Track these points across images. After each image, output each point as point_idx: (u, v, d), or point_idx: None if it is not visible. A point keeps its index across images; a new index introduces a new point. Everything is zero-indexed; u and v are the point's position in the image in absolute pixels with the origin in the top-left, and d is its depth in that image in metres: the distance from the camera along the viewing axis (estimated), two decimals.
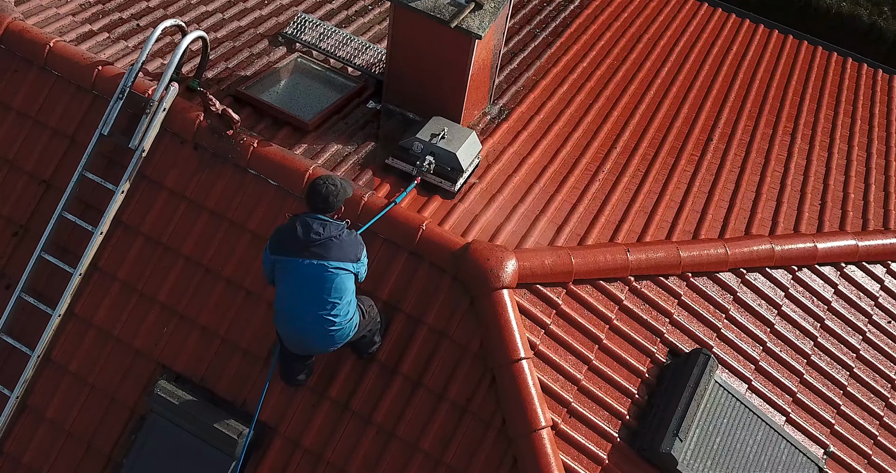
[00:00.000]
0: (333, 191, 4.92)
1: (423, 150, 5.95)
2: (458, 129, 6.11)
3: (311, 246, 4.87)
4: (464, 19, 5.81)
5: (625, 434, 5.69)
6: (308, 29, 6.96)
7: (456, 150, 5.91)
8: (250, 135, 5.95)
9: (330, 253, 4.88)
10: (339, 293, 4.93)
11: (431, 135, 5.99)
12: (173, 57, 5.84)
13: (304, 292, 4.92)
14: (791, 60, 9.21)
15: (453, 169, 5.95)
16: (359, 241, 5.05)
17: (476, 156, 6.16)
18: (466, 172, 6.06)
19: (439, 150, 5.92)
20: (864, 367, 6.74)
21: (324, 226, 4.90)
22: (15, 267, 6.00)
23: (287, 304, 5.00)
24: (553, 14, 8.29)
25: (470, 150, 6.05)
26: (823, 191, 7.62)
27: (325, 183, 4.94)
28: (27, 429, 5.87)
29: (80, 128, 6.08)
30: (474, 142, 6.12)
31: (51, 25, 6.45)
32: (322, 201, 4.92)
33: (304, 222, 4.92)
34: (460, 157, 5.92)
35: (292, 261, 4.91)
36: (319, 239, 4.87)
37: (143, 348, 5.81)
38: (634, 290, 6.04)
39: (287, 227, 4.98)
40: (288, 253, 4.93)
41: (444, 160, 5.94)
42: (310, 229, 4.88)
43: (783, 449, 6.04)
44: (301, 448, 5.54)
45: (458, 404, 5.44)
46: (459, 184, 6.02)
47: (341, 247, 4.91)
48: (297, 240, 4.89)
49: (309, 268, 4.88)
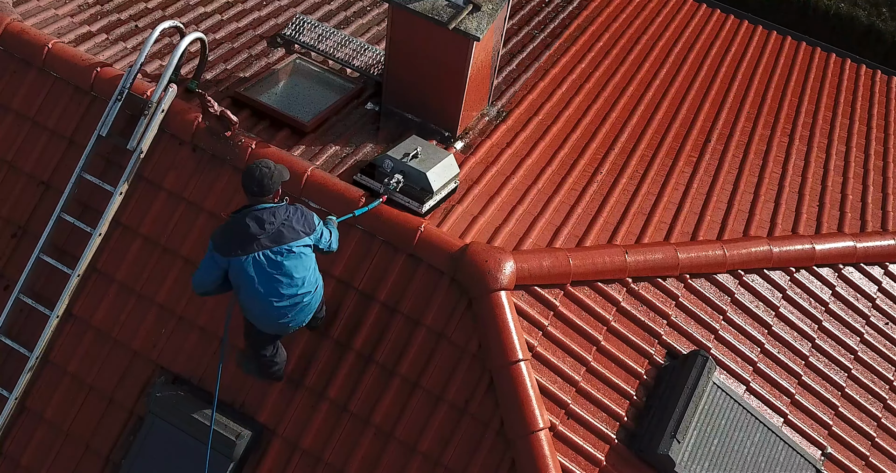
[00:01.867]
0: (268, 174, 4.87)
1: (393, 168, 5.73)
2: (435, 150, 5.88)
3: (268, 236, 4.86)
4: (462, 21, 5.81)
5: (623, 436, 5.70)
6: (306, 30, 6.96)
7: (427, 170, 5.68)
8: (249, 136, 5.95)
9: (288, 236, 4.88)
10: (304, 267, 4.96)
11: (404, 154, 5.77)
12: (172, 58, 5.85)
13: (272, 280, 4.91)
14: (790, 60, 9.22)
15: (422, 189, 5.72)
16: (307, 212, 5.02)
17: (452, 179, 5.90)
18: (438, 195, 5.81)
19: (410, 168, 5.70)
20: (862, 368, 6.75)
21: (273, 213, 4.89)
22: (13, 268, 6.00)
23: (259, 298, 4.96)
24: (551, 15, 8.29)
25: (444, 172, 5.79)
26: (822, 192, 7.62)
27: (258, 167, 4.90)
28: (26, 430, 5.88)
29: (78, 129, 6.08)
30: (450, 165, 5.85)
31: (49, 26, 6.45)
32: (257, 185, 4.86)
33: (255, 216, 4.87)
34: (430, 177, 5.68)
35: (252, 257, 4.87)
36: (274, 227, 4.86)
37: (142, 349, 5.82)
38: (632, 292, 6.05)
39: (235, 225, 4.91)
40: (246, 251, 4.87)
41: (413, 180, 5.71)
42: (261, 221, 4.85)
43: (781, 451, 6.05)
44: (300, 449, 5.55)
45: (457, 405, 5.44)
46: (428, 206, 5.76)
47: (295, 227, 4.91)
48: (252, 236, 4.85)
49: (269, 258, 4.88)
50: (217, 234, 4.97)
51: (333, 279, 5.69)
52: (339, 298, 5.67)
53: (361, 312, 5.64)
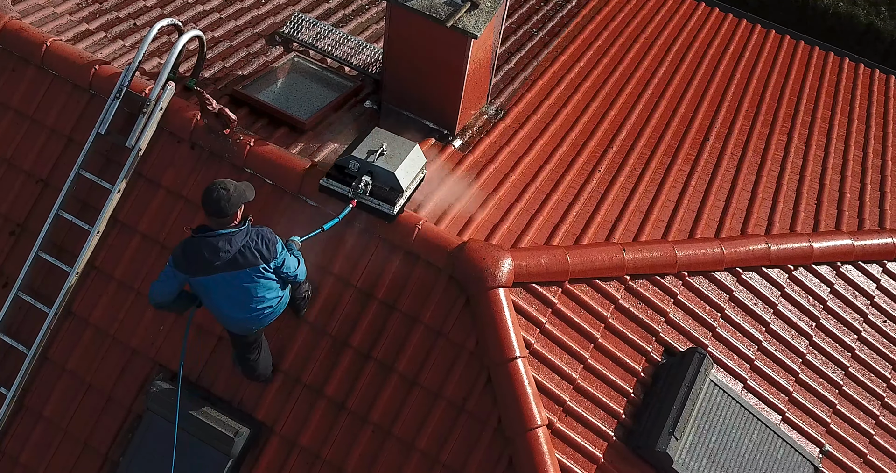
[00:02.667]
0: (225, 196, 4.61)
1: (360, 169, 5.41)
2: (400, 142, 5.58)
3: (222, 264, 4.72)
4: (459, 19, 5.82)
5: (620, 433, 5.71)
6: (305, 28, 6.96)
7: (395, 168, 5.38)
8: (247, 134, 5.96)
9: (244, 263, 4.75)
10: (266, 289, 4.90)
11: (369, 151, 5.43)
12: (170, 56, 5.85)
13: (230, 300, 4.87)
14: (788, 59, 9.22)
15: (392, 189, 5.44)
16: (268, 238, 4.81)
17: (420, 170, 5.65)
18: (408, 192, 5.56)
19: (377, 168, 5.39)
20: (860, 366, 6.75)
21: (229, 241, 4.69)
22: (12, 266, 6.01)
23: (220, 312, 4.97)
24: (550, 14, 8.29)
25: (411, 166, 5.53)
26: (819, 190, 7.63)
27: (216, 188, 4.63)
28: (24, 428, 5.89)
29: (77, 127, 6.09)
30: (417, 156, 5.60)
31: (48, 24, 6.46)
32: (214, 206, 4.63)
33: (208, 244, 4.69)
34: (399, 176, 5.39)
35: (207, 279, 4.79)
36: (229, 256, 4.70)
37: (140, 347, 5.83)
38: (630, 289, 6.06)
39: (191, 250, 4.74)
40: (199, 274, 4.77)
41: (381, 179, 5.41)
42: (216, 249, 4.68)
43: (779, 448, 6.05)
44: (298, 446, 5.55)
45: (455, 403, 5.45)
46: (399, 206, 5.51)
47: (252, 255, 4.75)
48: (206, 262, 4.71)
49: (228, 281, 4.78)
50: (177, 252, 4.81)
51: (332, 277, 5.70)
52: (338, 295, 5.67)
53: (359, 309, 5.64)
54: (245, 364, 5.42)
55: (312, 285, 5.61)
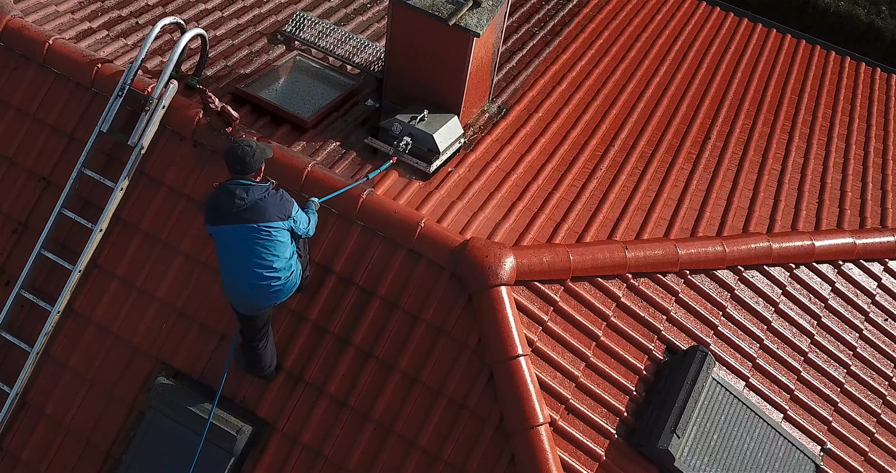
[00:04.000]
0: (249, 152, 4.95)
1: (402, 131, 6.03)
2: (440, 114, 6.18)
3: (238, 212, 4.93)
4: (462, 17, 5.83)
5: (622, 431, 5.71)
6: (307, 27, 6.97)
7: (433, 131, 6.00)
8: (249, 132, 5.96)
9: (257, 216, 4.94)
10: (275, 253, 5.00)
11: (411, 117, 6.08)
12: (172, 54, 5.86)
13: (242, 256, 4.99)
14: (789, 58, 9.23)
15: (430, 150, 6.04)
16: (286, 199, 5.07)
17: (457, 140, 6.23)
18: (444, 155, 6.12)
19: (417, 131, 6.01)
20: (861, 364, 6.75)
21: (247, 190, 4.95)
22: (15, 264, 6.01)
23: (229, 271, 5.07)
24: (551, 12, 8.30)
25: (449, 133, 6.12)
26: (821, 189, 7.63)
27: (240, 145, 4.98)
28: (26, 426, 5.89)
29: (79, 125, 6.10)
30: (455, 126, 6.19)
31: (50, 23, 6.47)
32: (239, 163, 4.96)
33: (227, 189, 4.97)
34: (437, 138, 6.00)
35: (225, 229, 4.98)
36: (245, 204, 4.92)
37: (142, 344, 5.83)
38: (632, 287, 6.06)
39: (214, 197, 5.04)
40: (219, 222, 4.99)
41: (421, 141, 6.03)
42: (233, 196, 4.94)
43: (780, 446, 6.06)
44: (300, 444, 5.56)
45: (456, 400, 5.45)
46: (436, 166, 6.08)
47: (267, 208, 4.95)
48: (224, 209, 4.95)
49: (240, 232, 4.95)
50: (205, 202, 5.12)
51: (334, 275, 5.70)
52: (340, 293, 5.68)
53: (362, 307, 5.64)
54: (250, 353, 5.42)
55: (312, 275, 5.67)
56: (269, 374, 5.61)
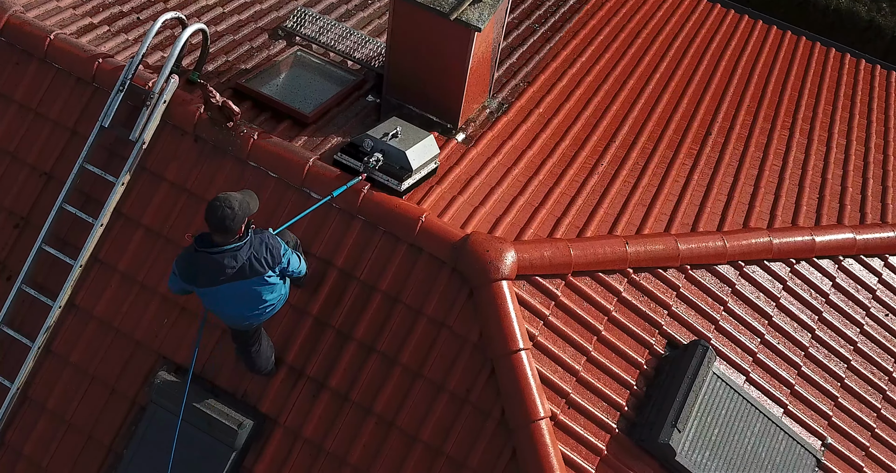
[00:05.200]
0: (230, 215, 4.55)
1: (373, 147, 5.80)
2: (415, 131, 5.94)
3: (227, 278, 4.73)
4: (463, 12, 5.83)
5: (623, 425, 5.72)
6: (308, 23, 6.97)
7: (406, 148, 5.75)
8: (250, 127, 5.97)
9: (249, 274, 4.76)
10: (270, 292, 4.94)
11: (384, 133, 5.84)
12: (173, 49, 5.86)
13: (235, 305, 4.91)
14: (790, 55, 9.23)
15: (402, 167, 5.78)
16: (272, 244, 4.82)
17: (432, 159, 5.96)
18: (418, 174, 5.87)
19: (389, 147, 5.77)
20: (862, 360, 6.76)
21: (234, 256, 4.68)
22: (16, 259, 6.02)
23: (221, 313, 5.02)
24: (552, 9, 8.30)
25: (423, 151, 5.85)
26: (822, 185, 7.64)
27: (221, 206, 4.56)
28: (28, 420, 5.90)
29: (80, 120, 6.10)
30: (430, 145, 5.92)
31: (51, 18, 6.47)
32: (220, 225, 4.58)
33: (213, 261, 4.67)
34: (410, 156, 5.75)
35: (212, 290, 4.81)
36: (234, 270, 4.71)
37: (144, 339, 5.84)
38: (633, 282, 6.07)
39: (196, 263, 4.75)
40: (203, 285, 4.80)
41: (393, 158, 5.78)
42: (221, 266, 4.68)
43: (781, 441, 6.06)
44: (301, 438, 5.56)
45: (458, 394, 5.46)
46: (407, 184, 5.81)
47: (259, 265, 4.76)
48: (212, 277, 4.73)
49: (233, 289, 4.80)
50: (180, 263, 4.83)
51: (336, 269, 5.71)
52: (342, 288, 5.68)
53: (363, 302, 5.65)
54: (246, 358, 5.44)
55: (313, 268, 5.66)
56: (268, 373, 5.61)
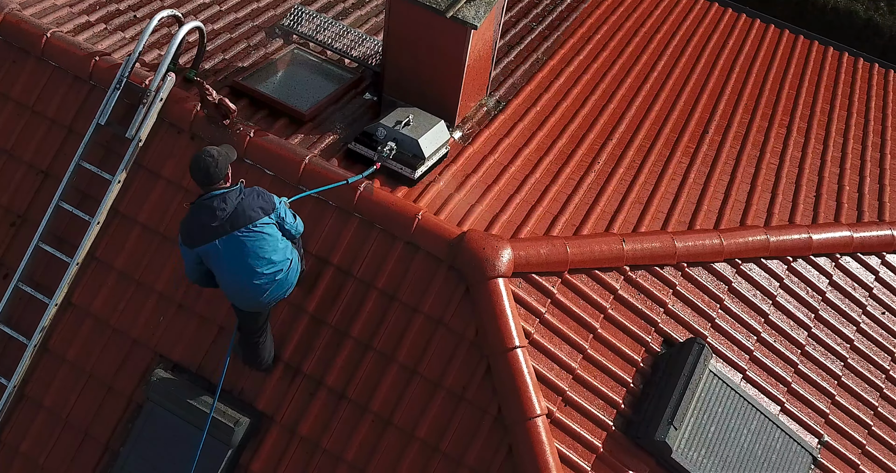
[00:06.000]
0: (212, 162, 4.86)
1: (386, 136, 5.90)
2: (426, 117, 6.06)
3: (222, 223, 4.87)
4: (460, 9, 5.83)
5: (619, 423, 5.72)
6: (305, 21, 6.97)
7: (419, 136, 5.87)
8: (247, 125, 5.97)
9: (242, 220, 4.90)
10: (271, 247, 4.97)
11: (396, 121, 5.95)
12: (170, 47, 5.86)
13: (239, 263, 4.94)
14: (788, 53, 9.24)
15: (415, 156, 5.89)
16: (262, 192, 5.02)
17: (443, 145, 6.08)
18: (430, 161, 5.98)
19: (402, 136, 5.88)
20: (859, 357, 6.76)
21: (224, 199, 4.89)
22: (12, 257, 6.02)
23: (233, 281, 5.02)
24: (550, 7, 8.30)
25: (435, 138, 5.98)
26: (819, 183, 7.64)
27: (202, 156, 4.89)
28: (25, 418, 5.90)
29: (77, 118, 6.10)
30: (441, 131, 6.05)
31: (48, 16, 6.47)
32: (205, 175, 4.88)
33: (205, 205, 4.90)
34: (422, 144, 5.87)
35: (215, 245, 4.91)
36: (227, 212, 4.87)
37: (141, 337, 5.84)
38: (629, 279, 6.07)
39: (191, 218, 4.95)
40: (207, 239, 4.91)
41: (406, 147, 5.89)
42: (213, 209, 4.87)
43: (777, 438, 6.07)
44: (298, 436, 5.57)
45: (454, 392, 5.46)
46: (421, 171, 5.93)
47: (250, 208, 4.91)
48: (209, 225, 4.88)
49: (230, 243, 4.90)
50: (181, 227, 5.02)
51: (332, 267, 5.71)
52: (338, 285, 5.68)
53: (360, 299, 5.65)
54: (249, 348, 5.43)
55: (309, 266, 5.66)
56: (267, 367, 5.62)
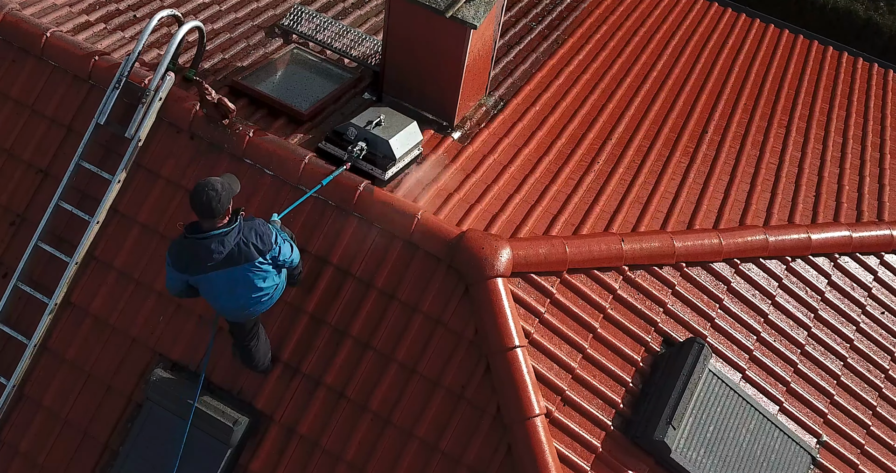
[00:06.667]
0: (215, 197, 4.59)
1: (357, 136, 5.83)
2: (398, 118, 5.98)
3: (216, 263, 4.73)
4: (459, 9, 5.83)
5: (618, 423, 5.72)
6: (305, 20, 6.98)
7: (390, 137, 5.79)
8: (246, 124, 5.97)
9: (239, 260, 4.76)
10: (262, 280, 4.91)
11: (367, 121, 5.87)
12: (170, 47, 5.86)
13: (234, 292, 4.89)
14: (787, 53, 9.23)
15: (385, 156, 5.82)
16: (262, 231, 4.83)
17: (415, 146, 6.02)
18: (401, 162, 5.92)
19: (373, 136, 5.80)
20: (858, 357, 6.77)
21: (221, 242, 4.69)
22: (12, 256, 6.02)
23: (215, 302, 4.99)
24: (549, 7, 8.30)
25: (407, 139, 5.90)
26: (818, 183, 7.64)
27: (204, 190, 4.59)
28: (24, 417, 5.90)
29: (77, 117, 6.10)
30: (413, 132, 5.97)
31: (48, 16, 6.47)
32: (206, 209, 4.62)
33: (201, 246, 4.69)
34: (393, 145, 5.80)
35: (205, 277, 4.81)
36: (222, 256, 4.71)
37: (140, 336, 5.84)
38: (629, 279, 6.07)
39: (186, 250, 4.76)
40: (196, 273, 4.79)
41: (376, 147, 5.82)
42: (209, 251, 4.68)
43: (776, 438, 6.07)
44: (297, 435, 5.57)
45: (454, 391, 5.46)
46: (391, 172, 5.87)
47: (248, 251, 4.75)
48: (201, 264, 4.73)
49: (229, 274, 4.79)
50: (172, 251, 4.83)
51: (332, 266, 5.71)
52: (337, 284, 5.69)
53: (359, 298, 5.65)
54: (244, 353, 5.44)
55: (309, 265, 5.66)
56: (264, 369, 5.62)
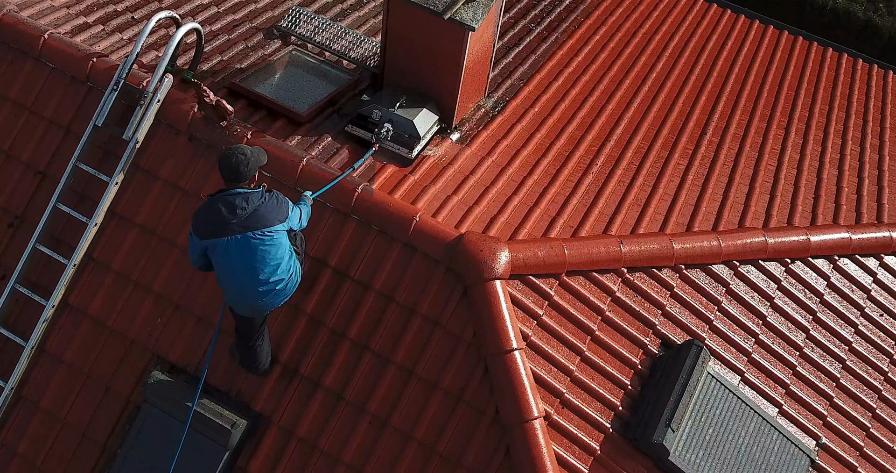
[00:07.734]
0: (244, 161, 4.90)
1: (382, 117, 6.09)
2: (415, 98, 6.28)
3: (240, 222, 4.89)
4: (457, 11, 5.83)
5: (617, 425, 5.71)
6: (303, 22, 6.97)
7: (413, 117, 6.10)
8: (244, 126, 5.97)
9: (259, 223, 4.91)
10: (278, 255, 4.99)
11: (390, 103, 6.15)
12: (168, 48, 5.86)
13: (247, 265, 4.96)
14: (786, 55, 9.23)
15: (411, 136, 6.11)
16: (282, 200, 5.05)
17: (434, 124, 6.32)
18: (424, 140, 6.21)
19: (397, 117, 6.08)
20: (857, 359, 6.76)
21: (246, 199, 4.91)
22: (10, 258, 6.02)
23: (234, 281, 5.03)
24: (548, 9, 8.30)
25: (427, 118, 6.23)
26: (817, 185, 7.64)
27: (234, 153, 4.91)
28: (22, 420, 5.89)
29: (74, 119, 6.10)
30: (431, 111, 6.30)
31: (45, 17, 6.46)
32: (233, 172, 4.90)
33: (227, 201, 4.91)
34: (417, 124, 6.10)
35: (225, 241, 4.92)
36: (246, 213, 4.89)
37: (138, 338, 5.83)
38: (627, 282, 6.06)
39: (209, 209, 4.97)
40: (219, 234, 4.92)
41: (401, 127, 6.10)
42: (234, 206, 4.89)
43: (775, 441, 6.06)
44: (295, 437, 5.56)
45: (452, 393, 5.46)
46: (417, 151, 6.15)
47: (268, 214, 4.93)
48: (225, 220, 4.89)
49: (244, 242, 4.92)
50: (195, 216, 5.04)
51: (329, 269, 5.70)
52: (336, 286, 5.68)
53: (357, 300, 5.65)
54: (246, 351, 5.42)
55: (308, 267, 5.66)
56: (264, 371, 5.62)
